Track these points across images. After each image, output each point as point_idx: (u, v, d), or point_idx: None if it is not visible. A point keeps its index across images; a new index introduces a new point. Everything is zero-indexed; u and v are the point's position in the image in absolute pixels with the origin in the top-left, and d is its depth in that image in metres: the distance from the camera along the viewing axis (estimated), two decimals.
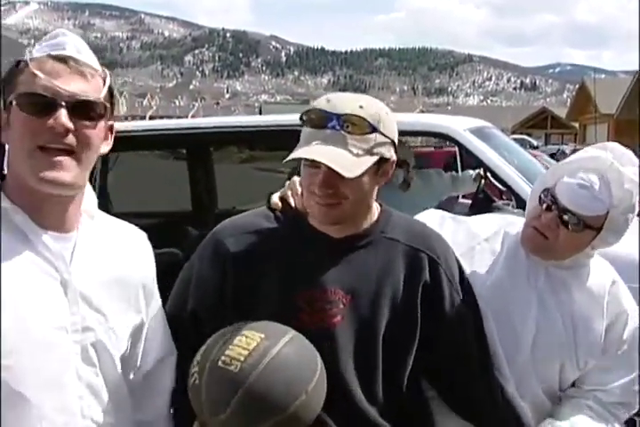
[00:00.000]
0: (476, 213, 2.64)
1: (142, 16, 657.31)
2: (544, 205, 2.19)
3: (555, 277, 2.27)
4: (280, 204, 2.00)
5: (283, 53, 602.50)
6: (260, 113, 67.47)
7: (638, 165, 2.19)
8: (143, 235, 1.85)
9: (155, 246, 1.93)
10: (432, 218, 2.31)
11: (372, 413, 1.89)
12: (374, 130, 1.78)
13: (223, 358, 1.66)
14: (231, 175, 7.69)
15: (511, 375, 2.05)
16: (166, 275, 2.01)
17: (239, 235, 1.95)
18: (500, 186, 4.92)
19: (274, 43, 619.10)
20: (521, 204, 4.38)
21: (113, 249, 1.70)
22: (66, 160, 1.51)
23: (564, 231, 2.15)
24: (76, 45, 1.57)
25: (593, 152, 2.24)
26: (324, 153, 1.74)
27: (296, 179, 2.02)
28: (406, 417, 1.96)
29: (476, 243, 2.32)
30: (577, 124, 47.53)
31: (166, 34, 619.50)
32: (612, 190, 2.12)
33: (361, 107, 1.78)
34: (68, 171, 1.51)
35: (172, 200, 6.89)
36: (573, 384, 2.32)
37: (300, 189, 1.97)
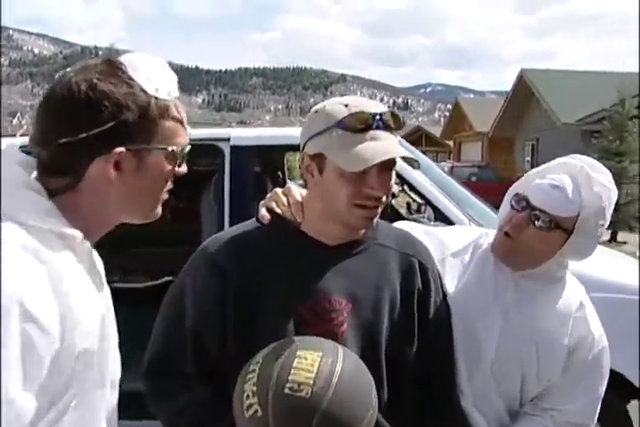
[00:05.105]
0: None
1: (10, 32, 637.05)
2: (515, 208, 2.18)
3: (524, 289, 2.24)
4: (268, 215, 1.95)
5: None
6: None
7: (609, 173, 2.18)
8: None
9: None
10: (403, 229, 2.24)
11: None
12: None
13: (289, 384, 1.55)
14: None
15: (472, 389, 2.04)
16: None
17: (232, 249, 1.90)
18: (419, 200, 5.02)
19: None
20: (439, 216, 4.49)
21: None
22: None
23: (533, 230, 2.13)
24: None
25: (562, 160, 2.25)
26: (391, 150, 1.76)
27: (278, 189, 2.00)
28: (402, 415, 1.93)
29: (446, 255, 2.30)
30: (451, 143, 48.88)
31: (36, 51, 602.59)
32: (582, 193, 2.12)
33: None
34: None
35: None
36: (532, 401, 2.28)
37: (284, 199, 1.95)
